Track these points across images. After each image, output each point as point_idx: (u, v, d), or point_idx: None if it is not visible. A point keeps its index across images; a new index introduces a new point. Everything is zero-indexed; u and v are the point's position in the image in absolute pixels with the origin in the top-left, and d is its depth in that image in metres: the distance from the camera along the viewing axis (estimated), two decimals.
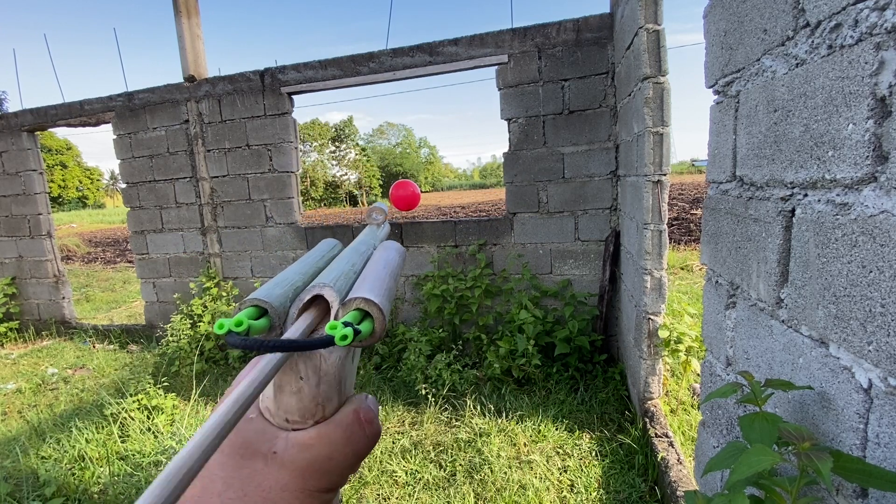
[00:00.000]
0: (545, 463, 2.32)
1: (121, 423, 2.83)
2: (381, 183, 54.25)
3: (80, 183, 58.04)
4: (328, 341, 0.22)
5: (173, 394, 3.11)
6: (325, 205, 45.90)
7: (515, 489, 2.15)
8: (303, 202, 7.19)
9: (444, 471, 2.35)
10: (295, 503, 0.22)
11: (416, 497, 2.17)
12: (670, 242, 7.69)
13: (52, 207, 5.24)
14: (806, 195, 0.73)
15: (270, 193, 4.14)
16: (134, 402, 2.91)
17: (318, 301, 0.28)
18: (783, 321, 0.81)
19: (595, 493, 2.10)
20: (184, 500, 0.18)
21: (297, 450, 0.22)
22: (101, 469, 2.47)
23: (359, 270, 0.32)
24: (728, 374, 1.05)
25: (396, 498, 2.18)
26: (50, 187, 5.64)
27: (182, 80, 4.22)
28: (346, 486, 2.25)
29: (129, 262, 11.21)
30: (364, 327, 0.24)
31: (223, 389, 3.42)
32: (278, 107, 3.97)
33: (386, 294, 0.28)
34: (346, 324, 0.23)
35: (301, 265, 0.33)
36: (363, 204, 47.25)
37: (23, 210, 5.03)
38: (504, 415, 2.79)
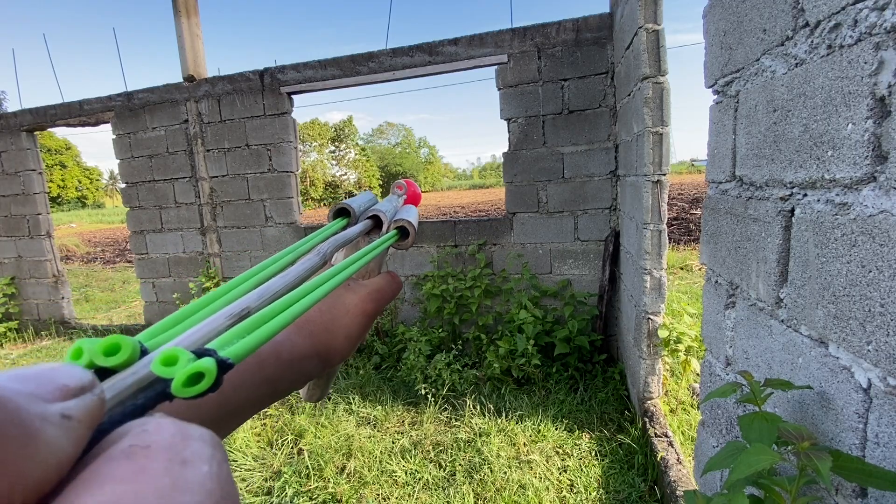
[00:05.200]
0: (545, 463, 2.33)
1: None
2: (381, 183, 54.22)
3: (80, 183, 58.01)
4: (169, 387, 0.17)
5: None
6: (324, 205, 45.85)
7: (515, 489, 2.15)
8: (302, 202, 7.19)
9: (444, 471, 2.35)
10: (357, 314, 0.37)
11: (415, 497, 2.17)
12: (670, 242, 7.69)
13: (51, 207, 5.24)
14: (805, 195, 0.73)
15: (270, 193, 4.14)
16: None
17: (374, 218, 0.45)
18: (782, 321, 0.81)
19: (595, 493, 2.10)
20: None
21: (361, 286, 0.39)
22: None
23: (393, 214, 0.48)
24: (727, 374, 1.05)
25: (396, 498, 2.18)
26: (49, 187, 5.63)
27: (181, 80, 4.22)
28: (346, 486, 2.25)
29: (129, 262, 11.20)
30: (390, 239, 0.42)
31: None
32: (278, 107, 3.97)
33: (416, 224, 0.46)
34: (202, 353, 0.18)
35: (362, 198, 0.47)
36: None
37: (22, 210, 5.02)
38: (504, 415, 2.79)
